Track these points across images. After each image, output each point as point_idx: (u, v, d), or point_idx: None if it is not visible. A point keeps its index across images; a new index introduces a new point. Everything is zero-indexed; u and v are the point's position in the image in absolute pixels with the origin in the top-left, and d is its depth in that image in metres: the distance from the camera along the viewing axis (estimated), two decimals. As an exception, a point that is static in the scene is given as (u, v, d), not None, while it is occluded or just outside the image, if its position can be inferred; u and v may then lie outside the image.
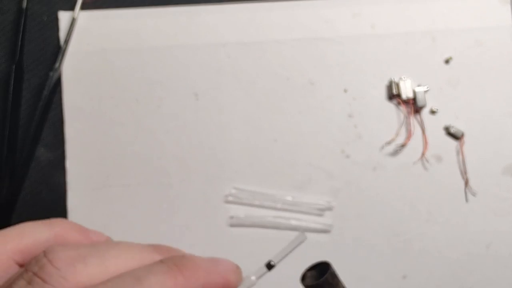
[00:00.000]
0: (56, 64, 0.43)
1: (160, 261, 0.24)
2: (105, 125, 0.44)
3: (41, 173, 0.43)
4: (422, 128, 0.44)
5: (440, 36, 0.46)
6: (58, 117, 0.44)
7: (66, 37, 0.44)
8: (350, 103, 0.45)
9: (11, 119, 0.42)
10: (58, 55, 0.43)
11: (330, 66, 0.45)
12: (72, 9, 0.44)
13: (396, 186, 0.44)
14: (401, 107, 0.45)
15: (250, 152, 0.44)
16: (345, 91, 0.45)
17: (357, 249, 0.43)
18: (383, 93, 0.45)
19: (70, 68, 0.44)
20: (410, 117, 0.45)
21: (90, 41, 0.44)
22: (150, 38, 0.45)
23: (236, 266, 0.26)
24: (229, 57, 0.45)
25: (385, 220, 0.44)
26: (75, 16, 0.44)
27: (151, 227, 0.43)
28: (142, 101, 0.44)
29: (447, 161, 0.45)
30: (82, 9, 0.44)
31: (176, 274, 0.23)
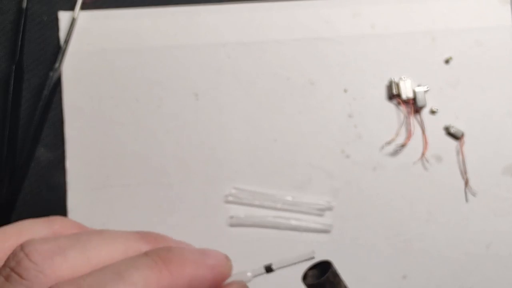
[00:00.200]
0: (56, 64, 0.43)
1: (145, 254, 0.23)
2: (105, 125, 0.44)
3: (41, 173, 0.43)
4: (422, 128, 0.44)
5: (440, 36, 0.46)
6: (58, 117, 0.44)
7: (66, 37, 0.44)
8: (350, 103, 0.45)
9: (11, 119, 0.42)
10: (58, 55, 0.43)
11: (330, 66, 0.45)
12: (72, 9, 0.44)
13: (396, 186, 0.44)
14: (401, 107, 0.45)
15: (250, 152, 0.44)
16: (345, 91, 0.45)
17: (357, 249, 0.43)
18: (383, 93, 0.45)
19: (70, 68, 0.44)
20: (410, 117, 0.45)
21: (90, 41, 0.44)
22: (150, 38, 0.45)
23: (226, 257, 0.25)
24: (229, 57, 0.45)
25: (385, 220, 0.44)
26: (75, 16, 0.44)
27: (151, 227, 0.42)
28: (142, 101, 0.44)
29: (447, 161, 0.45)
30: (82, 9, 0.44)
31: (161, 268, 0.22)
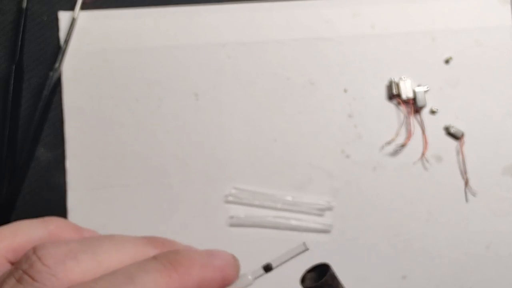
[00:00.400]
0: (56, 64, 0.43)
1: (154, 258, 0.23)
2: (105, 125, 0.44)
3: (41, 173, 0.43)
4: (422, 128, 0.44)
5: (440, 36, 0.46)
6: (58, 117, 0.44)
7: (66, 37, 0.44)
8: (350, 103, 0.45)
9: (11, 119, 0.42)
10: (58, 55, 0.43)
11: (330, 66, 0.45)
12: (72, 9, 0.44)
13: (396, 186, 0.44)
14: (401, 107, 0.45)
15: (250, 152, 0.44)
16: (345, 91, 0.45)
17: (357, 249, 0.43)
18: (383, 93, 0.45)
19: (70, 68, 0.44)
20: (410, 117, 0.45)
21: (90, 41, 0.44)
22: (150, 38, 0.45)
23: (233, 258, 0.26)
24: (229, 57, 0.45)
25: (385, 220, 0.44)
26: (75, 16, 0.44)
27: (151, 227, 0.43)
28: (142, 101, 0.44)
29: (447, 161, 0.45)
30: (82, 9, 0.44)
31: (170, 272, 0.22)
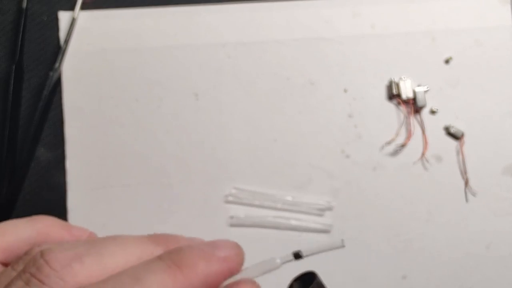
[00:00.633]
0: (56, 64, 0.43)
1: (159, 258, 0.24)
2: (105, 125, 0.44)
3: (41, 173, 0.43)
4: (422, 128, 0.44)
5: (440, 36, 0.46)
6: (58, 117, 0.44)
7: (66, 37, 0.44)
8: (350, 103, 0.45)
9: (11, 119, 0.42)
10: (58, 55, 0.43)
11: (330, 66, 0.45)
12: (72, 9, 0.44)
13: (396, 186, 0.44)
14: (401, 107, 0.45)
15: (250, 152, 0.44)
16: (345, 91, 0.45)
17: (357, 249, 0.43)
18: (383, 93, 0.45)
19: (70, 68, 0.44)
20: (410, 117, 0.45)
21: (90, 41, 0.44)
22: (150, 38, 0.45)
23: (237, 246, 0.26)
24: (229, 57, 0.45)
25: (385, 220, 0.44)
26: (75, 16, 0.44)
27: (151, 227, 0.43)
28: (142, 101, 0.44)
29: (447, 161, 0.45)
30: (82, 9, 0.44)
31: (176, 272, 0.23)
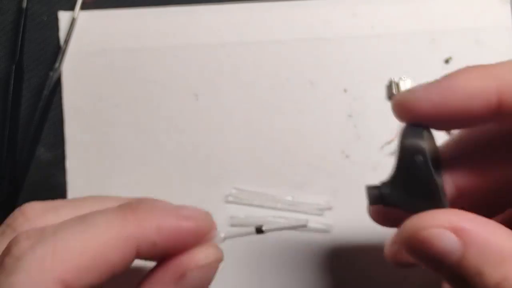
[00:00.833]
0: (56, 64, 0.43)
1: (118, 206, 0.24)
2: (105, 125, 0.44)
3: (41, 173, 0.43)
4: (422, 128, 0.44)
5: (440, 36, 0.46)
6: (58, 117, 0.44)
7: (66, 37, 0.44)
8: (350, 103, 0.45)
9: (11, 119, 0.42)
10: (58, 55, 0.43)
11: (330, 66, 0.45)
12: (72, 9, 0.44)
13: (396, 186, 0.44)
14: (401, 107, 0.44)
15: (250, 152, 0.44)
16: (345, 91, 0.45)
17: (357, 249, 0.43)
18: (383, 93, 0.45)
19: (70, 68, 0.44)
20: (410, 117, 0.44)
21: (90, 41, 0.44)
22: (150, 38, 0.45)
23: (205, 212, 0.26)
24: (229, 57, 0.45)
25: (385, 220, 0.44)
26: (75, 16, 0.44)
27: (151, 227, 0.43)
28: (142, 101, 0.44)
29: (447, 161, 0.45)
30: (82, 9, 0.44)
31: (126, 214, 0.23)
